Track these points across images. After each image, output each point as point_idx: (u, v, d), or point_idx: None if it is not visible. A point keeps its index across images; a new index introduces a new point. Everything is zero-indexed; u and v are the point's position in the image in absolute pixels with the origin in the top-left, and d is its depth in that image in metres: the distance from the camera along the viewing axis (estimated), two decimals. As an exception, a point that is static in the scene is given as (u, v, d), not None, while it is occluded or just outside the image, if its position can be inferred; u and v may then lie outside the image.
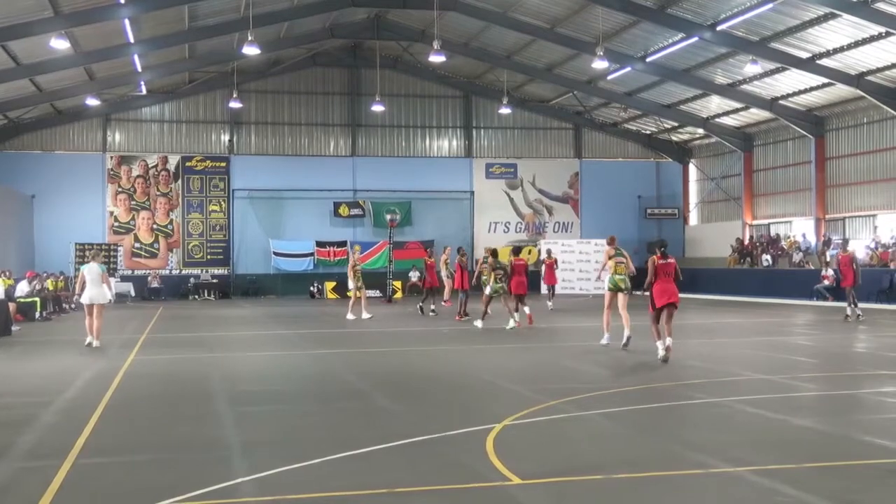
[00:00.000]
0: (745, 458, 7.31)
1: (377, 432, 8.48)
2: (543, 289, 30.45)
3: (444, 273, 28.44)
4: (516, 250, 22.93)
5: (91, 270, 17.35)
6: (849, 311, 21.50)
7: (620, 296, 15.91)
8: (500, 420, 8.89)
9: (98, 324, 17.15)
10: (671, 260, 14.07)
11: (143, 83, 36.97)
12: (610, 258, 16.16)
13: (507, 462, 7.19)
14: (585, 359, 14.72)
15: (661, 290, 13.72)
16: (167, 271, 39.23)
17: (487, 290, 20.94)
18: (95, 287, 17.24)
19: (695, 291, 32.56)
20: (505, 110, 39.09)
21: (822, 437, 8.38)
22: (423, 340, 18.56)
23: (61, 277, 31.29)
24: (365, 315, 24.24)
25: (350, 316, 24.44)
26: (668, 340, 13.59)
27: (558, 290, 30.97)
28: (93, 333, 17.16)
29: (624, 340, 15.53)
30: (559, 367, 13.73)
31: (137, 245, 39.08)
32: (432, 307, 25.74)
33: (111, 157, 38.98)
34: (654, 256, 14.01)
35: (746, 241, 37.63)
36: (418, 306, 26.31)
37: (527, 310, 21.22)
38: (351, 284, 25.06)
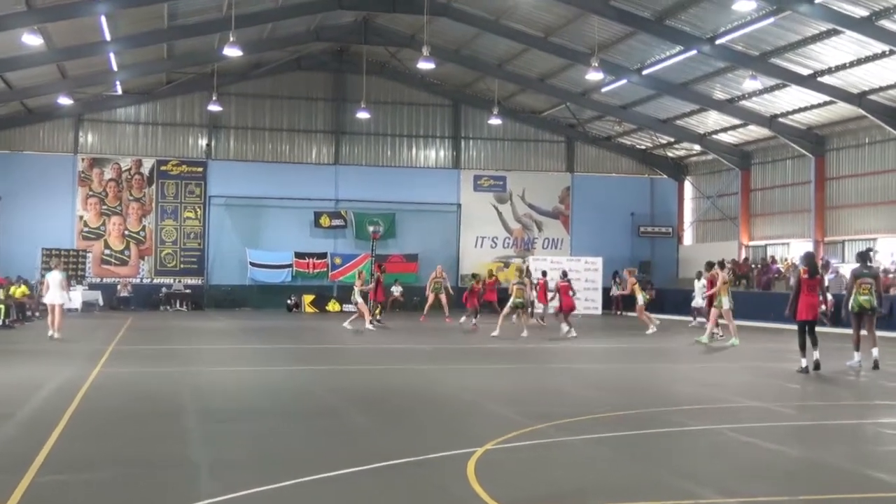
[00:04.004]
0: (738, 488, 7.28)
1: (354, 453, 8.42)
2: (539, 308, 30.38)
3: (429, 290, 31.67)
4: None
5: (53, 277, 21.77)
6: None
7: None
8: (483, 443, 8.84)
9: (58, 320, 21.24)
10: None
11: (118, 83, 36.84)
12: (634, 284, 26.88)
13: (489, 488, 7.13)
14: (574, 381, 14.70)
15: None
16: (138, 280, 39.00)
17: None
18: (57, 291, 21.49)
19: (688, 313, 32.49)
20: (495, 121, 39.13)
21: (818, 469, 8.36)
22: (404, 358, 18.50)
23: (20, 283, 30.97)
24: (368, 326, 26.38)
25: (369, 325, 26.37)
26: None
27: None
28: (54, 327, 21.10)
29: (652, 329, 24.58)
30: (547, 389, 13.70)
31: (107, 252, 38.85)
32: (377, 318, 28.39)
33: (83, 159, 38.79)
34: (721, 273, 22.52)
35: (741, 262, 37.74)
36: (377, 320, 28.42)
37: (473, 320, 27.37)
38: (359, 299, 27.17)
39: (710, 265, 23.80)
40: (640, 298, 26.83)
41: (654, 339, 23.81)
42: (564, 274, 25.92)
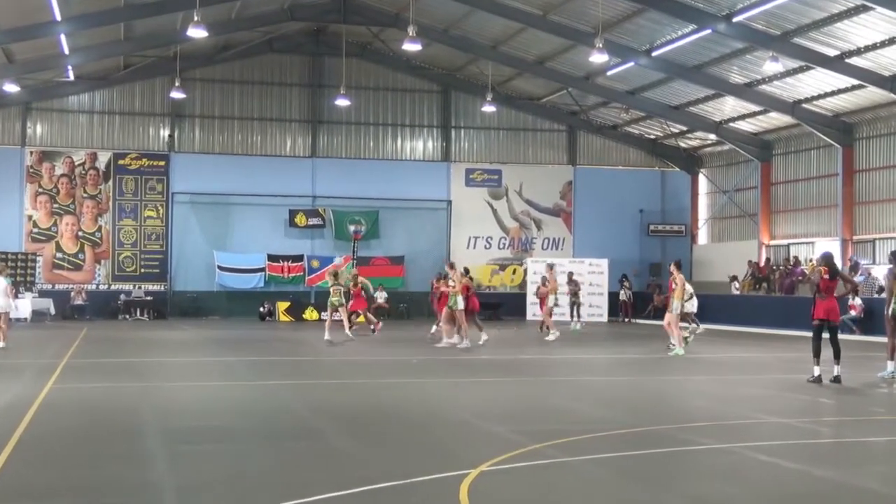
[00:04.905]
0: (756, 513, 7.35)
1: (334, 477, 8.47)
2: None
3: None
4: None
5: None
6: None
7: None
8: (477, 465, 8.89)
9: (4, 328, 22.07)
10: None
11: (70, 68, 36.78)
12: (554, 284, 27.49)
13: (483, 514, 7.19)
14: (575, 396, 14.77)
15: None
16: (93, 286, 38.95)
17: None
18: (2, 298, 22.08)
19: (703, 320, 32.66)
20: (489, 108, 39.18)
21: (846, 492, 8.44)
22: (390, 372, 18.55)
23: None
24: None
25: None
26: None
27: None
28: None
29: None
30: (545, 405, 13.76)
31: (60, 255, 38.80)
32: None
33: (31, 153, 38.72)
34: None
35: (762, 264, 37.89)
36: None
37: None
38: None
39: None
40: (551, 300, 27.78)
41: (657, 349, 23.86)
42: (467, 271, 25.91)
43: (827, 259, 16.52)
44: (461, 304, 23.72)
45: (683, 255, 42.70)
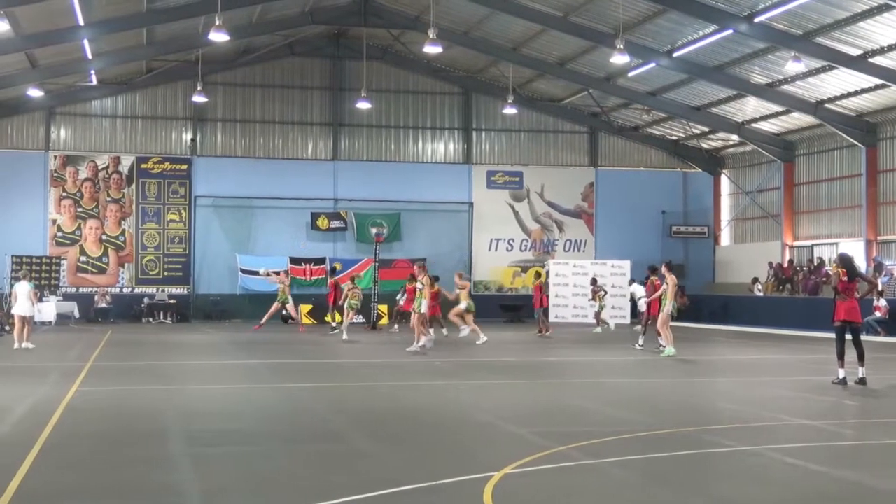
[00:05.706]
0: (782, 515, 7.30)
1: (356, 479, 8.47)
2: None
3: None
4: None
5: (21, 287, 23.47)
6: None
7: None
8: (500, 468, 8.88)
9: (28, 329, 23.35)
10: None
11: (93, 72, 37.00)
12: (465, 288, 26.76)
13: (506, 516, 7.17)
14: (598, 397, 14.72)
15: None
16: (117, 289, 39.14)
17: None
18: (25, 302, 23.19)
19: (726, 322, 32.61)
20: (510, 110, 39.17)
21: (872, 495, 8.38)
22: (412, 374, 18.53)
23: None
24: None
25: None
26: None
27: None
28: (21, 340, 23.00)
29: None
30: (568, 407, 13.73)
31: (83, 259, 39.00)
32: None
33: (55, 157, 38.96)
34: None
35: (786, 265, 37.70)
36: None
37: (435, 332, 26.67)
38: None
39: (653, 269, 24.67)
40: (464, 304, 27.11)
41: (680, 351, 23.78)
42: (436, 278, 25.92)
43: (844, 260, 16.48)
44: (424, 307, 23.56)
45: (706, 257, 42.66)
